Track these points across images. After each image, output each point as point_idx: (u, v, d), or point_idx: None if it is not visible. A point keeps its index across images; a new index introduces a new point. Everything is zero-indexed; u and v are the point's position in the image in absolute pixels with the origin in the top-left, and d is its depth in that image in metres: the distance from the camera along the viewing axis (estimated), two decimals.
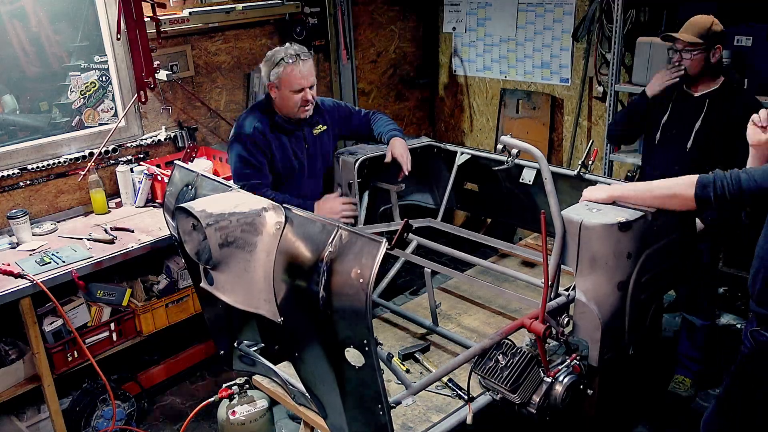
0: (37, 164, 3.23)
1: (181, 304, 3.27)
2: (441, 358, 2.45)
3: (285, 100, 2.84)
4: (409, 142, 3.19)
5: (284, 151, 2.92)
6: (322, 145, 3.06)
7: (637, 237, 2.17)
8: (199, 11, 3.58)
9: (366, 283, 1.59)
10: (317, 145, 3.04)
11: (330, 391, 1.89)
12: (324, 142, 3.08)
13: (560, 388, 2.06)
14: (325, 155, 3.10)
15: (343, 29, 4.37)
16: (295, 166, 2.97)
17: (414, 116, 5.13)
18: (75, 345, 2.91)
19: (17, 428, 2.94)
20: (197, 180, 2.26)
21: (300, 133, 2.97)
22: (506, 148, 2.31)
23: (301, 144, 2.97)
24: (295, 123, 2.93)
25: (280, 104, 2.87)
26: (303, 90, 2.82)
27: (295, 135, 2.95)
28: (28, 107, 3.25)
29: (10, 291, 2.63)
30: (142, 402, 3.29)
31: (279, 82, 2.81)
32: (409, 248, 3.07)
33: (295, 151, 2.96)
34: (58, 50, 3.30)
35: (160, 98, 3.63)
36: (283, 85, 2.80)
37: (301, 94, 2.82)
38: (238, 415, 2.58)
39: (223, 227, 1.87)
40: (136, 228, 3.18)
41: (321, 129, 3.06)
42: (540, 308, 2.02)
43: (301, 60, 2.80)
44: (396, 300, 3.20)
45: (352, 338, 1.69)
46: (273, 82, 2.82)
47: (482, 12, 4.65)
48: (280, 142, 2.90)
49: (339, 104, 3.21)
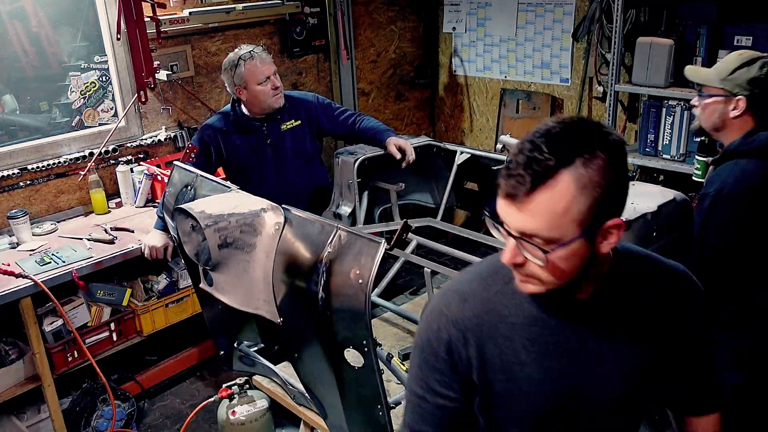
0: (37, 164, 3.23)
1: (181, 304, 3.27)
2: None
3: (256, 95, 2.89)
4: (409, 141, 3.19)
5: (236, 148, 2.98)
6: (294, 139, 3.06)
7: (637, 237, 2.16)
8: (199, 11, 3.58)
9: (365, 284, 1.59)
10: (285, 140, 3.04)
11: (330, 392, 1.89)
12: (297, 137, 3.07)
13: None
14: (301, 150, 3.09)
15: (343, 29, 4.37)
16: (252, 162, 3.00)
17: (414, 116, 5.13)
18: (75, 345, 2.91)
19: (17, 428, 2.94)
20: (196, 181, 2.26)
21: (261, 128, 3.00)
22: (506, 148, 2.32)
23: (262, 139, 3.00)
24: (256, 120, 2.98)
25: (253, 102, 2.92)
26: (268, 78, 2.88)
27: (256, 132, 2.99)
28: (28, 107, 3.25)
29: (10, 291, 2.64)
30: (142, 402, 3.29)
31: (245, 81, 2.87)
32: (409, 248, 3.07)
33: (254, 147, 3.00)
34: (58, 50, 3.30)
35: (160, 98, 3.63)
36: (249, 81, 2.86)
37: (269, 83, 2.89)
38: (238, 415, 2.58)
39: (222, 228, 1.87)
40: (136, 228, 3.17)
41: (292, 124, 3.06)
42: None
43: (256, 53, 2.88)
44: (396, 300, 3.20)
45: (352, 339, 1.70)
46: (239, 84, 2.89)
47: (482, 12, 4.64)
48: (230, 141, 2.97)
49: (311, 99, 3.17)
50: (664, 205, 2.27)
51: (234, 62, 2.88)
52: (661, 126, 3.54)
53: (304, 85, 4.35)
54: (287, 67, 4.21)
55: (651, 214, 2.18)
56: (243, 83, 2.88)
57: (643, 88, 3.58)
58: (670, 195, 2.33)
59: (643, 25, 3.84)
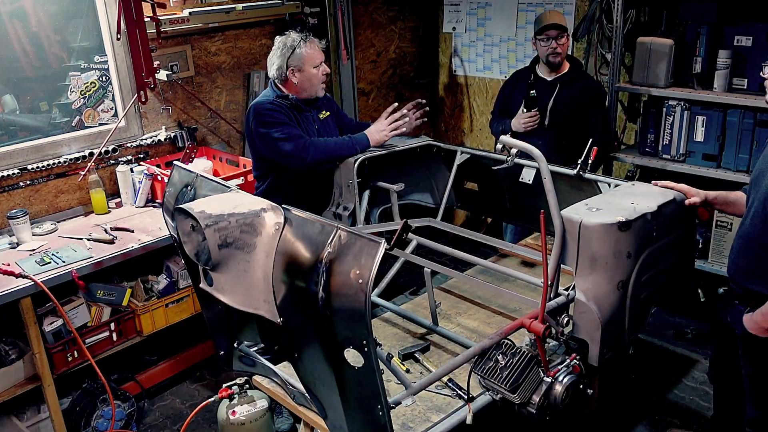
0: (37, 164, 3.23)
1: (181, 304, 3.27)
2: (441, 358, 2.45)
3: (309, 78, 2.96)
4: (409, 141, 3.19)
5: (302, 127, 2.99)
6: (327, 129, 3.13)
7: (637, 236, 2.17)
8: (199, 11, 3.58)
9: (365, 284, 1.59)
10: (324, 129, 3.11)
11: (330, 392, 1.88)
12: (329, 127, 3.15)
13: (560, 388, 2.06)
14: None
15: (343, 29, 4.37)
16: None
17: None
18: (75, 345, 2.91)
19: (17, 428, 2.94)
20: (196, 181, 2.26)
21: (309, 114, 3.06)
22: (506, 148, 2.31)
23: (311, 125, 3.05)
24: (305, 104, 3.03)
25: (303, 85, 2.97)
26: (322, 63, 2.99)
27: (304, 115, 3.04)
28: (28, 107, 3.25)
29: (10, 291, 2.64)
30: (142, 402, 3.29)
31: (302, 63, 2.93)
32: (409, 248, 3.07)
33: (308, 131, 3.02)
34: (58, 50, 3.30)
35: (160, 98, 3.63)
36: (306, 63, 2.93)
37: (322, 68, 2.99)
38: (238, 415, 2.58)
39: (222, 228, 1.87)
40: (136, 228, 3.18)
41: (326, 114, 3.15)
42: (540, 308, 2.02)
43: (314, 39, 3.00)
44: (396, 300, 3.20)
45: (352, 339, 1.69)
46: (294, 66, 2.93)
47: (482, 12, 4.65)
48: (296, 119, 2.99)
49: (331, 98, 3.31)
50: (664, 205, 2.27)
51: (293, 44, 2.93)
52: (661, 126, 3.54)
53: None
54: None
55: (651, 214, 2.19)
56: (300, 65, 2.93)
57: (643, 88, 3.58)
58: (670, 195, 2.33)
59: (643, 25, 3.84)
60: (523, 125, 3.45)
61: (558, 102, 3.47)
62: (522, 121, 3.45)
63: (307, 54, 2.93)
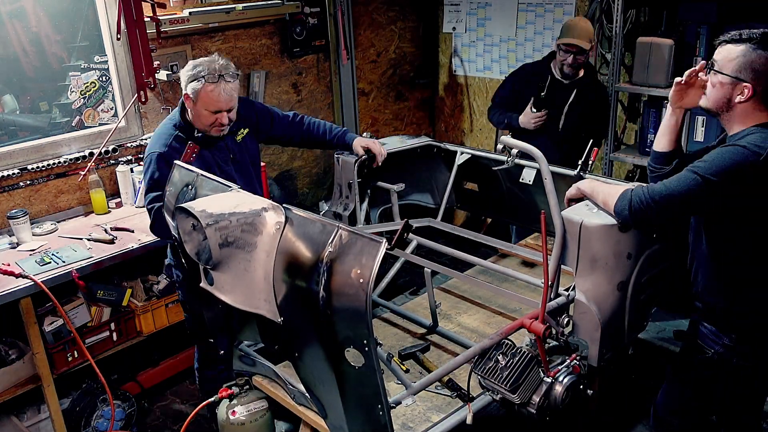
0: (37, 164, 3.22)
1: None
2: (441, 358, 2.45)
3: (199, 116, 2.61)
4: (409, 141, 3.19)
5: (206, 167, 2.54)
6: (248, 149, 2.85)
7: (637, 237, 2.17)
8: (199, 11, 3.58)
9: (366, 283, 1.59)
10: (243, 152, 2.83)
11: (330, 392, 1.88)
12: (249, 146, 2.86)
13: (560, 388, 2.06)
14: (254, 159, 2.89)
15: (343, 29, 4.37)
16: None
17: (414, 116, 5.13)
18: (75, 345, 2.91)
19: (17, 428, 2.94)
20: (197, 180, 2.26)
21: (222, 143, 2.74)
22: (506, 148, 2.31)
23: (225, 154, 2.75)
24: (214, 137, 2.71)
25: (194, 119, 2.64)
26: (220, 112, 2.59)
27: (217, 146, 2.73)
28: (28, 107, 3.25)
29: (10, 291, 2.64)
30: (142, 402, 3.29)
31: (196, 98, 2.57)
32: (409, 248, 3.07)
33: (219, 164, 2.73)
34: (58, 50, 3.30)
35: (160, 98, 3.63)
36: (200, 102, 2.57)
37: (217, 116, 2.60)
38: (238, 415, 2.57)
39: (223, 227, 1.87)
40: (136, 228, 3.17)
41: (243, 133, 2.82)
42: (540, 308, 2.02)
43: (225, 81, 2.55)
44: (396, 300, 3.20)
45: (352, 338, 1.69)
46: (189, 95, 2.59)
47: (482, 12, 4.65)
48: (200, 158, 2.67)
49: (253, 103, 2.97)
50: None
51: (198, 75, 2.55)
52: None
53: (304, 85, 4.35)
54: (287, 67, 4.21)
55: None
56: (194, 98, 2.58)
57: (643, 88, 3.58)
58: None
59: (643, 25, 3.84)
60: (534, 123, 3.51)
61: (573, 106, 3.54)
62: (532, 119, 3.51)
63: (203, 93, 2.54)
